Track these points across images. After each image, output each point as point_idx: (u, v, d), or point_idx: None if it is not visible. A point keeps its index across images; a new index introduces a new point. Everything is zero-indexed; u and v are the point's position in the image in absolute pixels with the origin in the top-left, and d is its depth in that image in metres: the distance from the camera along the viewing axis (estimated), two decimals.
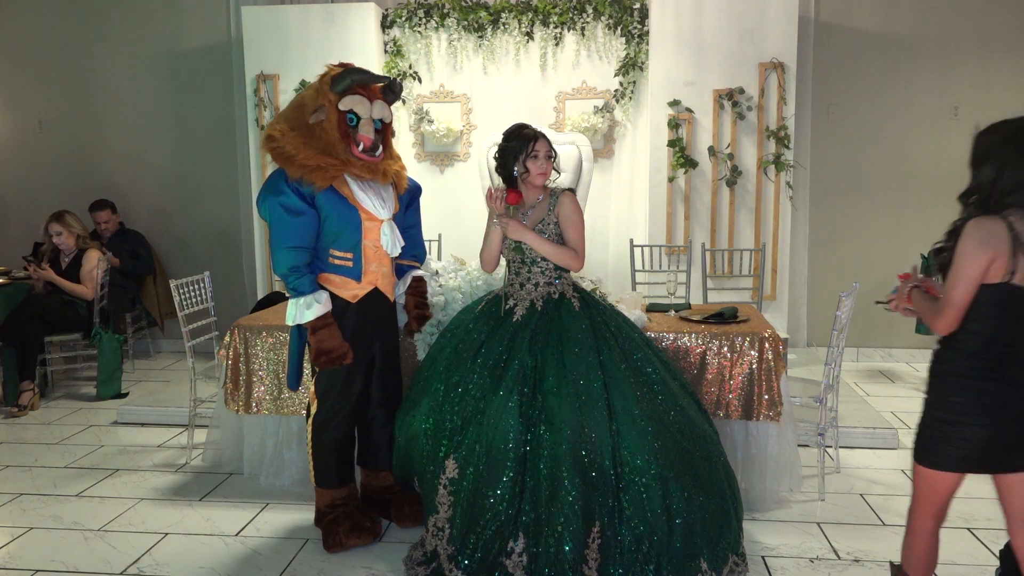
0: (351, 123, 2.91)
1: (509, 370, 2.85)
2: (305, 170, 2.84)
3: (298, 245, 2.88)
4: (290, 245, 2.88)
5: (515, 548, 2.64)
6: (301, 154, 2.85)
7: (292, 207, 2.86)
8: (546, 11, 5.57)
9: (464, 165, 5.85)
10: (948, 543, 3.05)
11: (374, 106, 2.95)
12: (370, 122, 2.94)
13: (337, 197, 2.91)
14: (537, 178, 3.02)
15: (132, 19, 6.29)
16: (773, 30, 5.21)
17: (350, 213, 2.94)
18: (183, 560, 3.00)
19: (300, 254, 2.89)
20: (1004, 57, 5.64)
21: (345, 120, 2.90)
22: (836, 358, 3.54)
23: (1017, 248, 1.95)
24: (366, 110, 2.93)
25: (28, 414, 4.92)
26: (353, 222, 2.95)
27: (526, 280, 3.06)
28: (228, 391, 3.66)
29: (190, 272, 4.66)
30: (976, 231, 1.98)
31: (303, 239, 2.89)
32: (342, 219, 2.92)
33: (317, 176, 2.84)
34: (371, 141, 2.92)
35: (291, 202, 2.85)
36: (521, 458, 2.72)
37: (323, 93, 2.91)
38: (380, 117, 2.98)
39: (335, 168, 2.88)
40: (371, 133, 2.93)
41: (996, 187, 1.99)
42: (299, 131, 2.89)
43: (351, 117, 2.90)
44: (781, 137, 5.26)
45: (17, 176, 6.60)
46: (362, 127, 2.92)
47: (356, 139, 2.91)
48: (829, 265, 5.86)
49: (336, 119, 2.89)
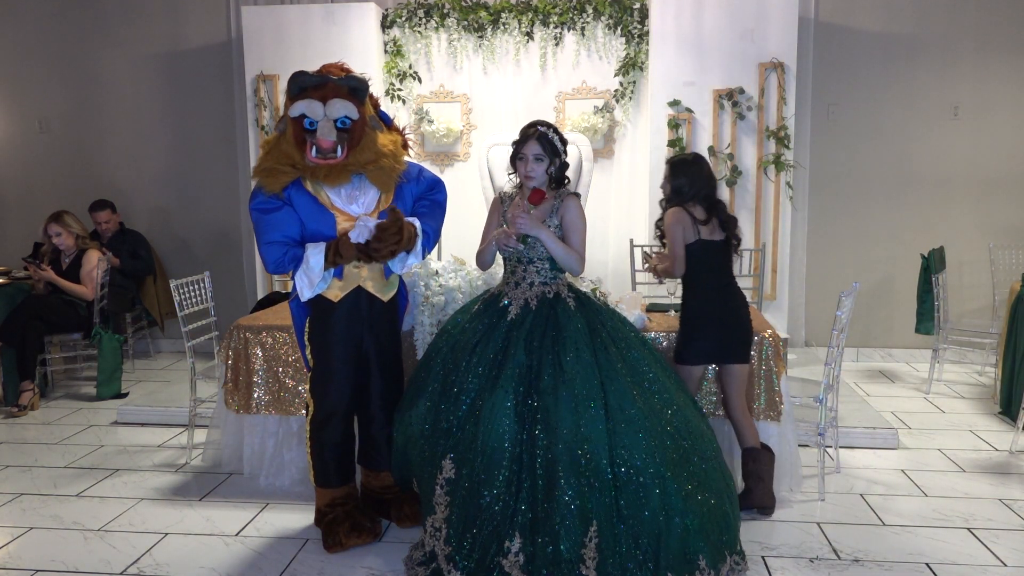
0: (311, 127, 2.89)
1: (505, 370, 2.84)
2: (259, 174, 2.95)
3: (276, 239, 2.92)
4: (269, 240, 2.92)
5: (512, 548, 2.63)
6: (263, 162, 2.97)
7: (265, 207, 2.93)
8: (546, 11, 5.58)
9: (464, 165, 5.85)
10: (948, 543, 3.06)
11: (328, 106, 2.87)
12: (328, 123, 2.87)
13: (308, 198, 2.95)
14: (526, 179, 3.03)
15: (132, 19, 6.29)
16: (773, 30, 5.21)
17: (322, 214, 2.96)
18: (183, 560, 3.00)
19: (279, 247, 2.93)
20: (1004, 57, 5.64)
21: (302, 125, 2.89)
22: (836, 358, 3.54)
23: (694, 223, 3.24)
24: (317, 111, 2.87)
25: (28, 414, 4.91)
26: (327, 222, 2.96)
27: (521, 279, 3.06)
28: (228, 391, 3.66)
29: (190, 272, 4.66)
30: (675, 215, 3.24)
31: (281, 233, 2.92)
32: (315, 219, 2.95)
33: (268, 181, 2.93)
34: (329, 143, 2.87)
35: (264, 203, 2.93)
36: (517, 458, 2.72)
37: (287, 103, 2.96)
38: (341, 116, 2.88)
39: (286, 175, 2.92)
40: (330, 135, 2.87)
41: (684, 191, 3.27)
42: (270, 140, 3.01)
43: (309, 121, 2.88)
44: (781, 137, 5.25)
45: (17, 176, 6.60)
46: (320, 130, 2.87)
47: (314, 143, 2.88)
48: (829, 265, 5.86)
49: (291, 126, 2.92)
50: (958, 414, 4.66)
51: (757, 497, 3.23)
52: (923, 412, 4.70)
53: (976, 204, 5.79)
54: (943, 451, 4.04)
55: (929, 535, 3.12)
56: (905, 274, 5.72)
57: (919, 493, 3.53)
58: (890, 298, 5.86)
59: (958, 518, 3.27)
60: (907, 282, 5.58)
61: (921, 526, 3.20)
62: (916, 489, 3.57)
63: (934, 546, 3.03)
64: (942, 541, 3.08)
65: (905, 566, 2.88)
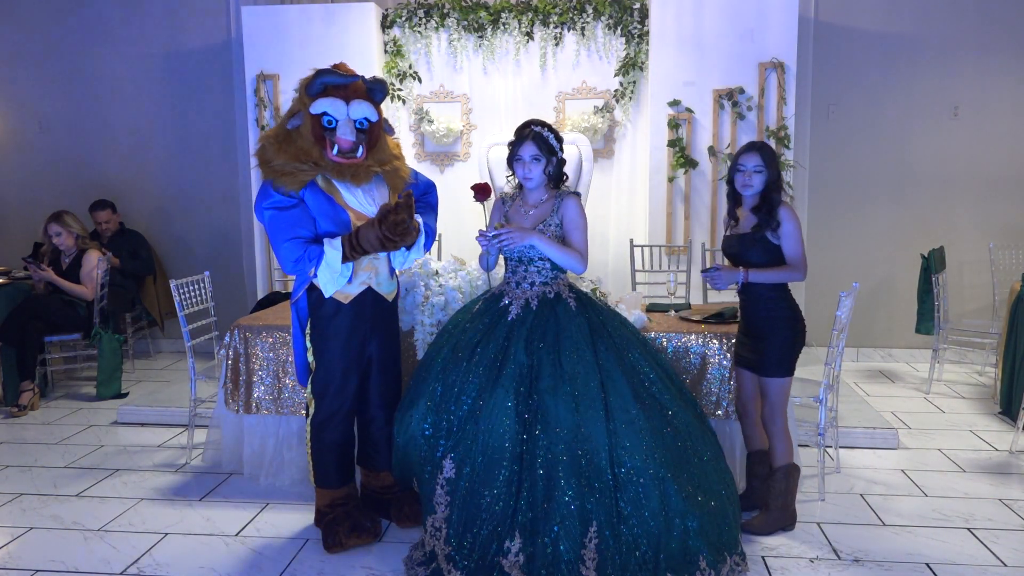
0: (330, 125, 2.89)
1: (505, 370, 2.85)
2: (275, 174, 2.88)
3: (295, 236, 2.90)
4: (288, 237, 2.89)
5: (511, 548, 2.63)
6: (276, 160, 2.89)
7: (280, 204, 2.90)
8: (546, 11, 5.58)
9: (464, 165, 5.85)
10: (948, 543, 3.06)
11: (351, 106, 2.89)
12: (349, 123, 2.89)
13: (324, 198, 2.93)
14: (524, 181, 3.03)
15: (132, 19, 6.29)
16: (773, 30, 5.21)
17: (337, 213, 2.95)
18: (183, 560, 3.00)
19: (299, 245, 2.90)
20: (1004, 57, 5.64)
21: (321, 123, 2.89)
22: (836, 358, 3.54)
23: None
24: (341, 111, 2.88)
25: (28, 414, 4.91)
26: (341, 222, 2.95)
27: (522, 279, 3.06)
28: (228, 391, 3.66)
29: (190, 272, 4.66)
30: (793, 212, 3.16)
31: (298, 229, 2.90)
32: (329, 219, 2.94)
33: (287, 180, 2.88)
34: (350, 143, 2.88)
35: (280, 201, 2.90)
36: (517, 457, 2.72)
37: (300, 98, 2.93)
38: (361, 117, 2.92)
39: (305, 173, 2.89)
40: (350, 134, 2.88)
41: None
42: (279, 136, 2.94)
43: (329, 119, 2.88)
44: (781, 137, 5.25)
45: (17, 176, 6.60)
46: (340, 129, 2.88)
47: (333, 141, 2.89)
48: (829, 265, 5.86)
49: (311, 123, 2.90)
50: (958, 414, 4.66)
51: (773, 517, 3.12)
52: (923, 412, 4.70)
53: (976, 204, 5.79)
54: (943, 451, 4.04)
55: (929, 535, 3.12)
56: (905, 274, 5.72)
57: (919, 493, 3.53)
58: (890, 298, 5.86)
59: (958, 518, 3.27)
60: (907, 282, 5.58)
61: (921, 526, 3.20)
62: (916, 489, 3.57)
63: (934, 546, 3.03)
64: (942, 541, 3.08)
65: (905, 566, 2.88)
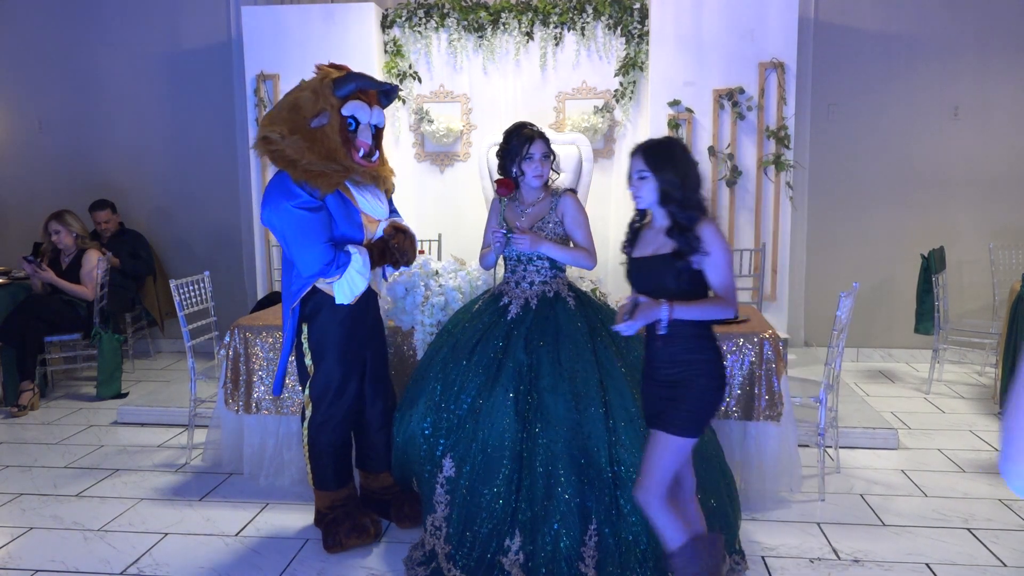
0: (350, 128, 2.91)
1: (505, 368, 2.85)
2: (309, 175, 2.82)
3: (327, 239, 2.88)
4: (323, 240, 2.85)
5: (511, 546, 2.64)
6: (304, 159, 2.83)
7: (310, 205, 2.84)
8: (546, 11, 5.57)
9: (464, 165, 5.85)
10: (948, 543, 3.06)
11: (373, 112, 2.96)
12: (368, 127, 2.95)
13: (342, 200, 2.93)
14: (533, 180, 3.03)
15: (132, 19, 6.29)
16: (773, 30, 5.21)
17: (353, 215, 2.95)
18: (183, 560, 3.00)
19: (330, 249, 2.88)
20: (1004, 57, 5.64)
21: (346, 125, 2.91)
22: (836, 358, 3.54)
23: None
24: (366, 115, 2.93)
25: (28, 414, 4.91)
26: (356, 224, 2.96)
27: (521, 278, 3.07)
28: (228, 391, 3.66)
29: (190, 272, 4.66)
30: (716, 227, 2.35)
31: (330, 233, 2.89)
32: (346, 222, 2.93)
33: (322, 182, 2.83)
34: (369, 146, 2.93)
35: (308, 201, 2.84)
36: (517, 456, 2.72)
37: (324, 97, 2.88)
38: (377, 122, 2.99)
39: (338, 175, 2.87)
40: (369, 138, 2.94)
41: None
42: (300, 135, 2.85)
43: (351, 122, 2.91)
44: (781, 137, 5.25)
45: (17, 176, 6.60)
46: (360, 132, 2.92)
47: (356, 144, 2.91)
48: (829, 265, 5.86)
49: (338, 124, 2.89)
50: (958, 414, 4.65)
51: None
52: (923, 412, 4.70)
53: (976, 204, 5.78)
54: (943, 451, 4.04)
55: (929, 535, 3.12)
56: (905, 274, 5.71)
57: (919, 493, 3.53)
58: (890, 298, 5.86)
59: (958, 518, 3.27)
60: (907, 282, 5.58)
61: (921, 526, 3.20)
62: (916, 489, 3.57)
63: (934, 546, 3.03)
64: (942, 541, 3.08)
65: (905, 566, 2.88)
